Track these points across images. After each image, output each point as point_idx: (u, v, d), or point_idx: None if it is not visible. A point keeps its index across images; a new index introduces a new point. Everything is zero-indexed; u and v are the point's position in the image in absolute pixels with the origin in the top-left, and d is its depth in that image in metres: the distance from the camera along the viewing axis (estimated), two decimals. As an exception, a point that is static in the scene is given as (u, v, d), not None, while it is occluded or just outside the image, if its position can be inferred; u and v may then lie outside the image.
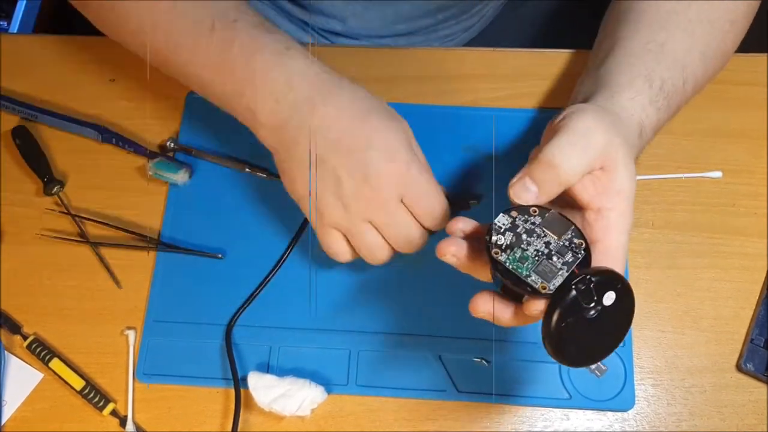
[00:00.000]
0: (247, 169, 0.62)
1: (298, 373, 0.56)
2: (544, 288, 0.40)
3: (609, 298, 0.39)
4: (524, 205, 0.43)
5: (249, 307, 0.58)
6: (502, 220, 0.43)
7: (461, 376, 0.56)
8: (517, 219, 0.43)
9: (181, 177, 0.62)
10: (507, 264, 0.41)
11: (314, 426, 0.55)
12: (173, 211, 0.62)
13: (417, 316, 0.58)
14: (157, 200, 0.62)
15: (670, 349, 0.56)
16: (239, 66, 0.50)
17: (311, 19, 0.74)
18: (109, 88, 0.67)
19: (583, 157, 0.42)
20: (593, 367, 0.56)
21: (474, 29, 0.79)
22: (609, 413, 0.55)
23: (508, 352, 0.56)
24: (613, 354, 0.55)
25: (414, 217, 0.50)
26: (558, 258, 0.41)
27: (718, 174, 0.61)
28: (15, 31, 1.19)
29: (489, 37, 0.80)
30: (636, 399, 0.55)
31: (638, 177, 0.61)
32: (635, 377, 0.55)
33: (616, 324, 0.41)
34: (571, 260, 0.41)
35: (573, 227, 0.42)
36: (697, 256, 0.59)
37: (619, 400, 0.55)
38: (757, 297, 0.57)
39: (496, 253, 0.42)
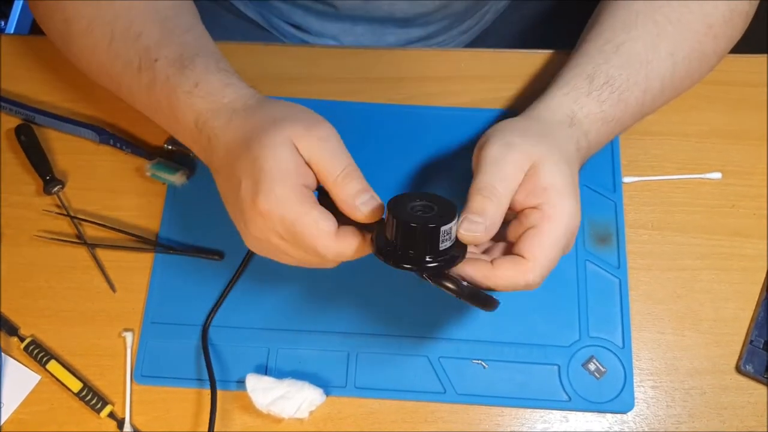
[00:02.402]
0: (246, 171, 0.62)
1: (297, 375, 0.56)
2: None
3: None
4: None
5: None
6: None
7: (460, 378, 0.56)
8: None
9: (179, 178, 0.61)
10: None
11: (313, 428, 0.55)
12: (171, 213, 0.62)
13: (416, 318, 0.57)
14: (155, 202, 0.62)
15: (669, 350, 0.56)
16: (163, 105, 0.52)
17: (308, 39, 0.76)
18: (106, 89, 0.66)
19: (505, 180, 0.45)
20: (592, 368, 0.56)
21: (472, 32, 0.79)
22: (608, 415, 0.55)
23: (507, 353, 0.56)
24: (612, 355, 0.56)
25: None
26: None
27: (717, 175, 0.61)
28: (12, 32, 1.19)
29: (488, 38, 0.81)
30: (635, 401, 0.55)
31: (639, 179, 0.61)
32: (634, 379, 0.55)
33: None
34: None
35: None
36: (696, 258, 0.59)
37: (619, 401, 0.55)
38: (757, 298, 0.57)
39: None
